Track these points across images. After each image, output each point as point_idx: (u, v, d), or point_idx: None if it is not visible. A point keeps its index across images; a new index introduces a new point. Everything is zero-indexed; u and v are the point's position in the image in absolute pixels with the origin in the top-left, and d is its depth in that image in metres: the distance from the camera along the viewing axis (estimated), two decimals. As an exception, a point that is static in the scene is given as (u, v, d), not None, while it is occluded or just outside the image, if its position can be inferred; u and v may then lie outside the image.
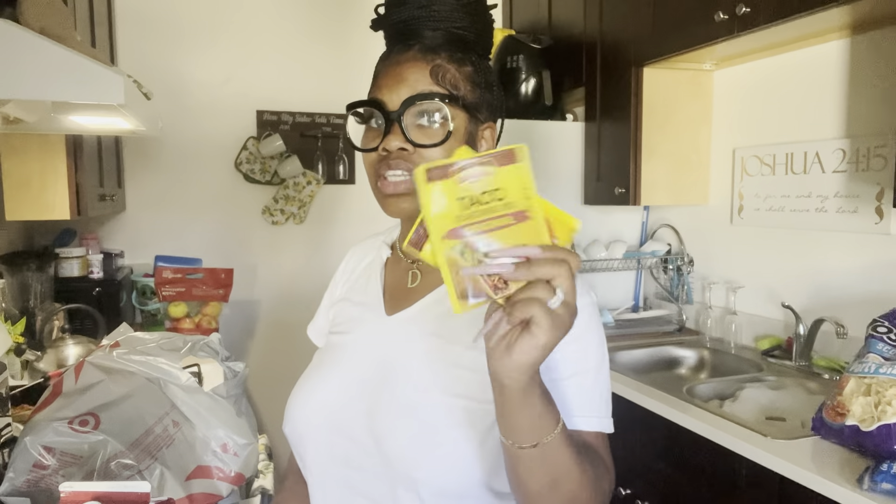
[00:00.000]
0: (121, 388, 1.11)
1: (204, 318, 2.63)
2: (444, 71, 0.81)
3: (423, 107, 0.80)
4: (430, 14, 0.82)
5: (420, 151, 0.79)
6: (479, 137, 0.85)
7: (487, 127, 0.86)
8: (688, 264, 2.45)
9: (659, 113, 2.25)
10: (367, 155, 0.83)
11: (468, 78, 0.83)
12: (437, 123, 0.80)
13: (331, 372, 0.91)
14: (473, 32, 0.84)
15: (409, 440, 0.78)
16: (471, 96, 0.83)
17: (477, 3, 0.85)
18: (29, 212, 1.80)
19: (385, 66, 0.84)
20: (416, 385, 0.80)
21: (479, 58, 0.85)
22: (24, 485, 1.01)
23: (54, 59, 0.96)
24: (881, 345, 1.37)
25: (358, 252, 1.08)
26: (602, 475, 0.76)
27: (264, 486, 1.23)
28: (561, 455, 0.67)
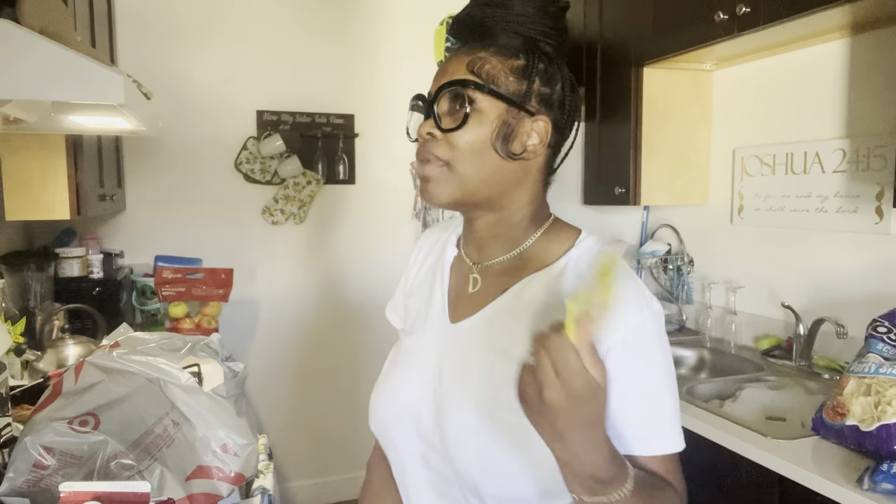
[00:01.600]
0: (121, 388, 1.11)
1: (204, 318, 2.63)
2: (483, 62, 0.81)
3: (452, 93, 0.81)
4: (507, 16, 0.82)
5: (446, 136, 0.81)
6: (522, 129, 0.82)
7: (538, 119, 0.83)
8: (688, 264, 2.45)
9: (659, 113, 2.25)
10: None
11: (514, 70, 0.81)
12: (464, 109, 0.80)
13: (404, 373, 0.93)
14: (552, 42, 0.83)
15: (473, 456, 0.80)
16: (513, 87, 0.81)
17: (558, 10, 0.84)
18: (29, 212, 1.80)
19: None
20: (478, 402, 0.80)
21: (542, 56, 0.83)
22: (24, 485, 1.01)
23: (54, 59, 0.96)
24: (881, 345, 1.37)
25: (431, 237, 1.04)
26: (671, 495, 0.76)
27: (264, 486, 1.23)
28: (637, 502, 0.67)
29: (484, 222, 0.88)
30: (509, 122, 0.81)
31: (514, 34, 0.82)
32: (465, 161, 0.81)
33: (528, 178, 0.86)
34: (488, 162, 0.81)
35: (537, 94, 0.82)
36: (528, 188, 0.86)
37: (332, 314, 3.14)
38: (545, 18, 0.82)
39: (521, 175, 0.84)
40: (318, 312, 3.09)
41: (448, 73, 0.83)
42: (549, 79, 0.83)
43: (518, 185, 0.85)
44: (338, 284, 3.16)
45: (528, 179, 0.86)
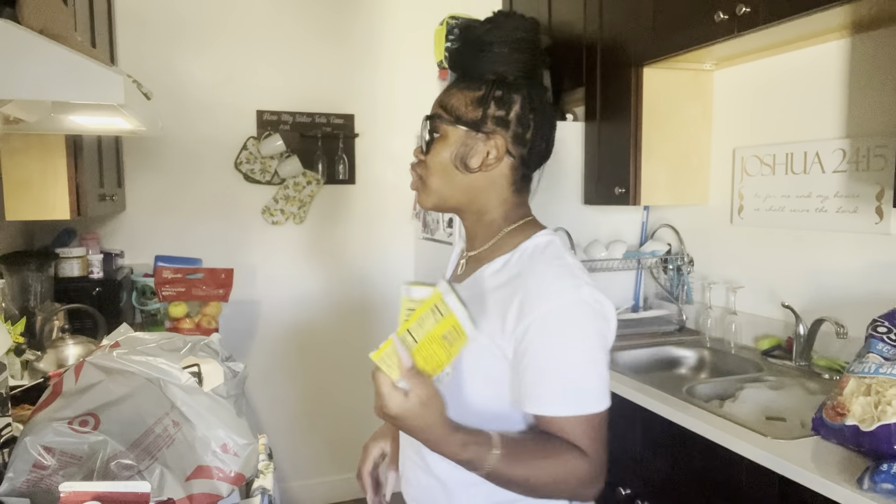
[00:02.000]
0: (121, 388, 1.11)
1: (204, 319, 2.63)
2: (450, 97, 1.03)
3: (425, 125, 1.04)
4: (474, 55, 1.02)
5: (425, 158, 1.04)
6: (479, 148, 1.01)
7: (494, 138, 1.01)
8: (688, 264, 2.45)
9: (659, 113, 2.25)
10: None
11: (473, 100, 1.01)
12: (429, 137, 1.04)
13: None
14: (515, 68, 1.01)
15: None
16: (471, 114, 1.01)
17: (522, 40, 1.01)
18: (29, 212, 1.80)
19: None
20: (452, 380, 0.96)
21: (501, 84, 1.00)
22: (23, 485, 1.01)
23: (54, 59, 0.96)
24: (881, 345, 1.37)
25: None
26: (569, 457, 0.90)
27: (264, 486, 1.23)
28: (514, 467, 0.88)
29: (467, 221, 1.09)
30: (467, 143, 1.01)
31: (480, 69, 1.01)
32: (433, 177, 1.04)
33: (495, 185, 1.04)
34: (453, 176, 1.03)
35: (493, 117, 1.01)
36: (497, 193, 1.05)
37: (332, 314, 3.14)
38: (509, 51, 1.00)
39: (487, 183, 1.04)
40: (318, 312, 3.09)
41: (432, 108, 1.06)
42: (505, 102, 1.01)
43: (486, 192, 1.04)
44: (338, 284, 3.16)
45: (495, 186, 1.04)
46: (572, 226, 2.58)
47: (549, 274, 0.95)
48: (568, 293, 0.93)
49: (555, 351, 0.91)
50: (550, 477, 0.90)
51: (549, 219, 2.65)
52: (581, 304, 0.93)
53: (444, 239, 2.78)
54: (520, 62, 1.01)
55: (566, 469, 0.90)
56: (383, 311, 3.22)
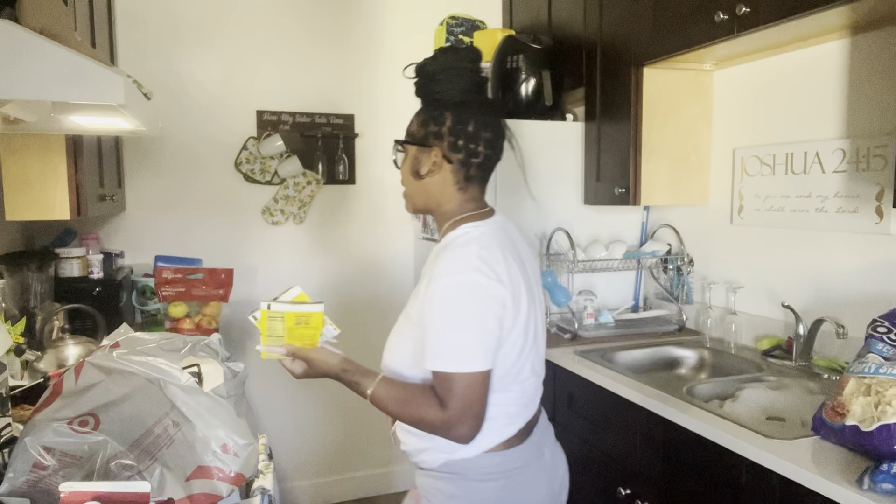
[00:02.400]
0: (121, 388, 1.11)
1: (204, 319, 2.63)
2: (410, 124, 1.35)
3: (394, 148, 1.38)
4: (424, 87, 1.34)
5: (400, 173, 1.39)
6: (425, 159, 1.31)
7: (433, 150, 1.30)
8: (688, 264, 2.45)
9: (659, 113, 2.25)
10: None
11: (420, 122, 1.32)
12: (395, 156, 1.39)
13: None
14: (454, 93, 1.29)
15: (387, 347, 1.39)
16: (418, 134, 1.32)
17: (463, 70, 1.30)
18: (29, 212, 1.80)
19: None
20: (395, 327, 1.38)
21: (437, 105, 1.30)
22: (23, 485, 1.01)
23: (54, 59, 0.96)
24: (881, 345, 1.37)
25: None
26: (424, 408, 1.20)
27: (264, 486, 1.23)
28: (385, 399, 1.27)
29: (434, 218, 1.38)
30: (418, 157, 1.32)
31: (427, 96, 1.32)
32: (405, 186, 1.37)
33: (445, 187, 1.32)
34: (415, 184, 1.34)
35: (431, 134, 1.29)
36: (446, 193, 1.32)
37: (331, 314, 3.12)
38: (445, 78, 1.29)
39: (439, 187, 1.32)
40: (318, 312, 3.09)
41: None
42: (439, 120, 1.28)
43: (439, 193, 1.32)
44: (338, 284, 3.16)
45: (444, 188, 1.32)
46: (572, 226, 2.58)
47: (448, 259, 1.21)
48: (455, 275, 1.18)
49: (435, 318, 1.19)
50: (409, 416, 1.24)
51: (549, 219, 2.67)
52: (463, 284, 1.18)
53: (444, 239, 2.78)
54: (455, 86, 1.28)
55: (420, 414, 1.21)
56: (383, 311, 3.22)
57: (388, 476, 3.31)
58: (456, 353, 1.17)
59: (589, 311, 2.47)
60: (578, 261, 2.44)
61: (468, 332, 1.17)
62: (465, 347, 1.17)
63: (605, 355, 2.15)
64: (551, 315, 2.50)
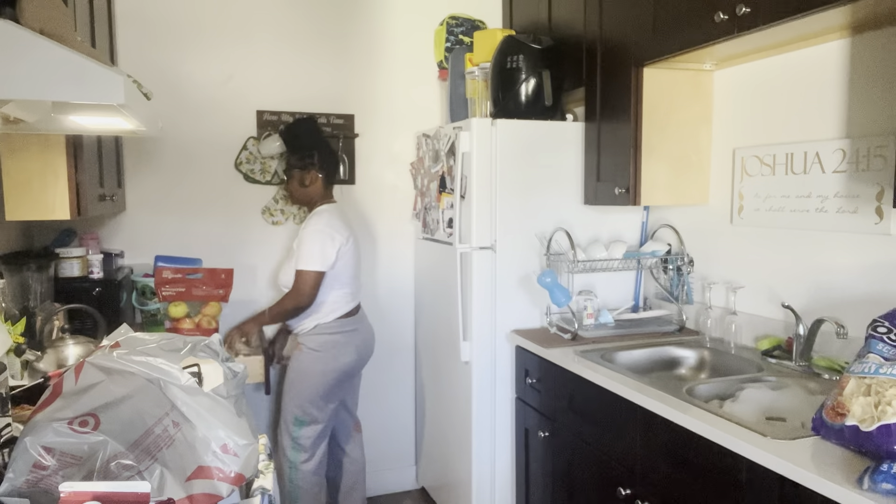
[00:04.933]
0: (121, 388, 1.11)
1: (204, 319, 2.63)
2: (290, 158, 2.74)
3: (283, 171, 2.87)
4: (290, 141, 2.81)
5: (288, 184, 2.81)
6: (304, 176, 2.67)
7: (306, 169, 2.66)
8: (688, 264, 2.45)
9: (659, 113, 2.25)
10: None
11: (298, 158, 2.69)
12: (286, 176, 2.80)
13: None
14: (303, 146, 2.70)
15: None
16: (301, 164, 2.67)
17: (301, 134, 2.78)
18: (29, 212, 1.80)
19: None
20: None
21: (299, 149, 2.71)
22: (23, 485, 1.01)
23: (54, 59, 0.96)
24: (881, 345, 1.37)
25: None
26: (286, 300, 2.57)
27: (264, 486, 1.23)
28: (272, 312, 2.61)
29: (308, 207, 2.75)
30: (302, 176, 2.68)
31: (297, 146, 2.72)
32: (293, 192, 2.74)
33: (315, 190, 2.69)
34: (301, 190, 2.70)
35: (308, 164, 2.66)
36: (313, 195, 2.69)
37: (332, 314, 3.14)
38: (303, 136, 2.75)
39: (312, 191, 2.69)
40: (318, 312, 3.08)
41: (286, 163, 2.79)
42: (311, 156, 2.66)
43: (314, 193, 2.69)
44: (338, 284, 3.16)
45: (313, 191, 2.69)
46: (572, 226, 2.58)
47: (313, 220, 2.59)
48: (310, 227, 2.57)
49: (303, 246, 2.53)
50: (283, 310, 2.57)
51: (549, 219, 2.66)
52: (316, 231, 2.54)
53: (443, 239, 2.78)
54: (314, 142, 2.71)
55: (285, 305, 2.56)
56: (383, 311, 3.22)
57: (389, 476, 3.30)
58: (309, 260, 2.51)
59: (589, 311, 2.47)
60: (578, 261, 2.44)
61: (317, 253, 2.52)
62: (314, 257, 2.51)
63: (605, 355, 2.15)
64: (551, 315, 2.50)
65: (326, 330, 2.58)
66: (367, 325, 2.75)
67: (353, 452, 2.86)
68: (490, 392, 2.58)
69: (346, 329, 2.61)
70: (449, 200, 2.68)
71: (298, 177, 2.65)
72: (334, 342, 2.58)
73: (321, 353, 2.58)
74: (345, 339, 2.60)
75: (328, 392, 2.59)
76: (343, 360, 2.60)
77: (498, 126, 2.49)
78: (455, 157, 2.55)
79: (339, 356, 2.59)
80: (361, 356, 2.68)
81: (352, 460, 2.86)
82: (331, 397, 2.61)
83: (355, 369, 2.69)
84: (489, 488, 2.62)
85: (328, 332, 2.58)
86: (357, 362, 2.67)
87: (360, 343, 2.66)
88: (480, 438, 2.59)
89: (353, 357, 2.63)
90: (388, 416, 3.28)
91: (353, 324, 2.65)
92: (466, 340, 2.57)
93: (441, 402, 2.94)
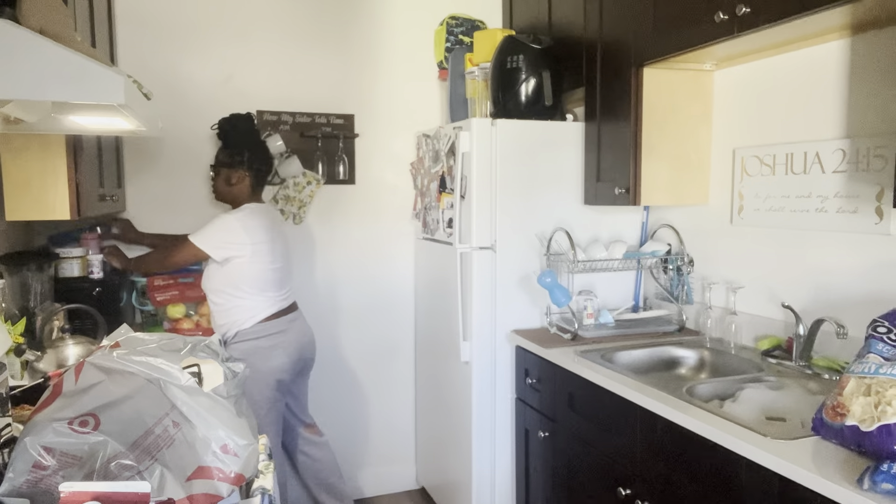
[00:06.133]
0: (121, 388, 1.11)
1: (203, 319, 2.63)
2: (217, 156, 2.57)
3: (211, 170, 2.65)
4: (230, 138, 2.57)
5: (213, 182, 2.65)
6: (231, 174, 2.52)
7: (234, 169, 2.52)
8: (688, 264, 2.45)
9: (659, 113, 2.25)
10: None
11: (227, 155, 2.53)
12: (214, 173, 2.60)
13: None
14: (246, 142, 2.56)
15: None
16: (229, 161, 2.52)
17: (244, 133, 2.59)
18: (29, 212, 1.79)
19: None
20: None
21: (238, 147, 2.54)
22: (23, 485, 1.01)
23: (54, 59, 0.96)
24: (881, 345, 1.37)
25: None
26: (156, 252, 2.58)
27: (264, 486, 1.23)
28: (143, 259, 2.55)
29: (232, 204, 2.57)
30: (229, 174, 2.53)
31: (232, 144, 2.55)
32: (220, 189, 2.57)
33: (241, 190, 2.53)
34: (227, 188, 2.54)
35: (236, 162, 2.51)
36: (238, 195, 2.53)
37: (331, 314, 3.14)
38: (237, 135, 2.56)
39: (240, 189, 2.53)
40: (318, 312, 3.09)
41: (215, 161, 2.59)
42: (240, 154, 2.51)
43: (239, 192, 2.53)
44: (337, 284, 3.16)
45: (238, 191, 2.53)
46: (572, 226, 2.58)
47: (229, 213, 2.46)
48: (225, 213, 2.45)
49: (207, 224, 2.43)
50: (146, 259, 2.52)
51: (549, 219, 2.66)
52: (221, 218, 2.42)
53: (443, 239, 2.78)
54: (249, 138, 2.58)
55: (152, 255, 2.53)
56: (383, 311, 3.23)
57: (389, 476, 3.30)
58: (203, 242, 2.39)
59: (589, 311, 2.47)
60: (578, 261, 2.44)
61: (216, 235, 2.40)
62: (205, 237, 2.39)
63: (605, 355, 2.15)
64: (551, 315, 2.50)
65: (247, 336, 2.43)
66: (301, 325, 2.57)
67: (314, 453, 2.74)
68: (490, 392, 2.58)
69: (269, 332, 2.44)
70: (449, 200, 2.68)
71: (225, 174, 2.50)
72: (256, 347, 2.41)
73: (245, 361, 2.21)
74: (269, 342, 2.43)
75: (265, 400, 2.42)
76: (271, 365, 2.43)
77: (498, 126, 2.49)
78: (455, 157, 2.55)
79: (265, 360, 2.42)
80: (293, 358, 2.50)
81: (314, 459, 2.74)
82: (268, 404, 2.44)
83: (289, 372, 2.50)
84: (489, 488, 2.62)
85: (250, 338, 2.43)
86: (289, 364, 2.48)
87: (289, 344, 2.48)
88: (480, 438, 2.59)
89: (281, 360, 2.45)
90: (388, 416, 3.28)
91: (277, 326, 2.47)
92: (466, 340, 2.57)
93: (441, 402, 2.94)
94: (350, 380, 3.19)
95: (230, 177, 2.50)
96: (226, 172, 2.50)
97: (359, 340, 3.21)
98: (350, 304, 3.18)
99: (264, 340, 2.44)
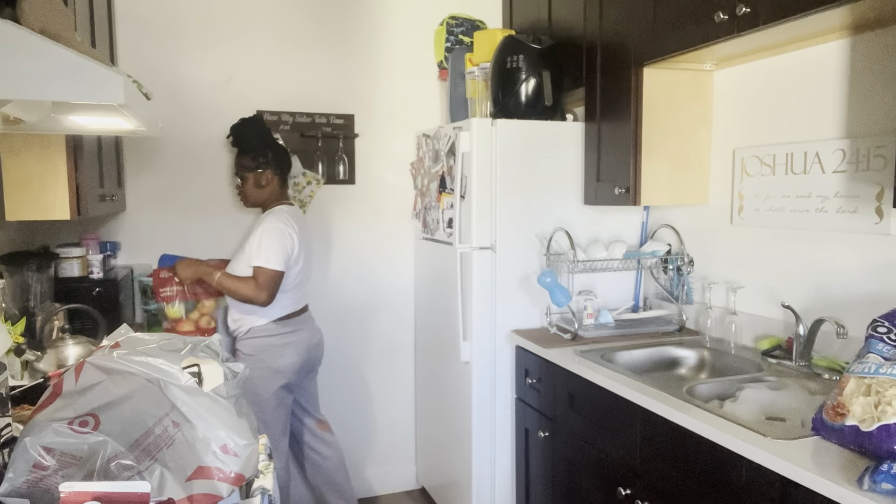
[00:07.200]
0: (121, 388, 1.11)
1: (203, 319, 2.63)
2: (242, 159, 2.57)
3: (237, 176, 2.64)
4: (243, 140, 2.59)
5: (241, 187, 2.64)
6: (263, 178, 2.55)
7: (260, 171, 2.54)
8: (688, 264, 2.45)
9: (659, 113, 2.25)
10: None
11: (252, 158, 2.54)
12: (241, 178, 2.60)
13: None
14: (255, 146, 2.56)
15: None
16: (255, 165, 2.54)
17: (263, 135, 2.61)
18: (29, 212, 1.80)
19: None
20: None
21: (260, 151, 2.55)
22: (23, 485, 1.01)
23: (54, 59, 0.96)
24: (881, 345, 1.37)
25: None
26: (245, 286, 2.41)
27: (264, 486, 1.23)
28: (226, 282, 2.45)
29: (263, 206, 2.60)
30: (258, 177, 2.55)
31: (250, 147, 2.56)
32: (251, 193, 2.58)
33: (272, 190, 2.58)
34: (257, 191, 2.56)
35: (262, 164, 2.53)
36: (270, 195, 2.57)
37: (331, 314, 3.14)
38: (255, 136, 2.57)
39: (270, 190, 2.58)
40: (318, 312, 3.08)
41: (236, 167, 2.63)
42: (264, 156, 2.54)
43: (271, 193, 2.57)
44: (337, 284, 3.16)
45: (269, 191, 2.57)
46: (572, 226, 2.58)
47: (270, 217, 2.46)
48: (267, 223, 2.44)
49: (262, 242, 2.40)
50: (238, 290, 2.41)
51: (549, 219, 2.66)
52: (272, 229, 2.41)
53: (443, 239, 2.78)
54: (266, 141, 2.57)
55: (240, 287, 2.41)
56: (383, 311, 3.22)
57: (389, 476, 3.30)
58: (267, 260, 2.38)
59: (589, 311, 2.47)
60: (578, 261, 2.44)
61: (275, 250, 2.39)
62: (272, 256, 2.39)
63: (605, 355, 2.15)
64: (551, 315, 2.50)
65: (260, 333, 2.48)
66: (312, 326, 2.64)
67: (323, 450, 2.78)
68: (490, 392, 2.59)
69: (282, 331, 2.50)
70: (449, 200, 2.68)
71: (254, 179, 2.52)
72: (268, 345, 2.48)
73: (256, 356, 2.47)
74: (281, 341, 2.49)
75: (272, 396, 2.48)
76: (281, 363, 2.48)
77: (498, 126, 2.49)
78: (455, 157, 2.55)
79: (276, 358, 2.47)
80: (303, 357, 2.55)
81: (324, 458, 2.77)
82: (276, 401, 2.49)
83: (298, 371, 2.55)
84: (489, 488, 2.62)
85: (262, 336, 2.48)
86: (298, 364, 2.53)
87: (301, 344, 2.54)
88: (480, 438, 2.59)
89: (292, 359, 2.50)
90: (389, 416, 3.28)
91: (291, 325, 2.53)
92: (466, 340, 2.57)
93: (441, 402, 2.94)
94: (350, 380, 3.19)
95: (259, 180, 2.52)
96: (254, 177, 2.52)
97: (359, 340, 3.21)
98: (350, 305, 3.18)
99: (277, 339, 2.50)
